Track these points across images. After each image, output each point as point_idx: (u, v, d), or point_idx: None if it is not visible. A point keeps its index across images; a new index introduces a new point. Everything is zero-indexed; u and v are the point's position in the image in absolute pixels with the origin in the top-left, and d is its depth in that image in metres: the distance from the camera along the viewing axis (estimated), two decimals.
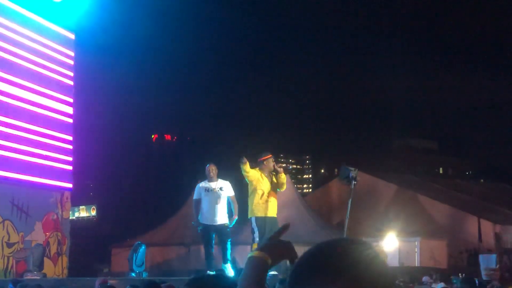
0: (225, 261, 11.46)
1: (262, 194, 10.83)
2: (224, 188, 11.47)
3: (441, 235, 24.70)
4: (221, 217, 11.42)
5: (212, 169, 11.48)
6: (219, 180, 11.54)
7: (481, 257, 13.78)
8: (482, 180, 45.33)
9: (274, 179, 11.05)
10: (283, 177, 11.17)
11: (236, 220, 11.51)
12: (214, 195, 11.40)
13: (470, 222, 25.04)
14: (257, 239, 10.71)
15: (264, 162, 11.06)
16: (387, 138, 72.16)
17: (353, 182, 10.99)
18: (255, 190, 10.92)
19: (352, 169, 11.14)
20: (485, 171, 57.11)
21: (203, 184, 11.54)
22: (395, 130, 71.17)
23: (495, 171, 53.26)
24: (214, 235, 11.40)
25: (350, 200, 11.28)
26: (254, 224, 10.86)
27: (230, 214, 11.50)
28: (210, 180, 11.44)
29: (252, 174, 10.84)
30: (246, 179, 10.96)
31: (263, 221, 10.83)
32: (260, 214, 10.85)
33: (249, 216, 11.03)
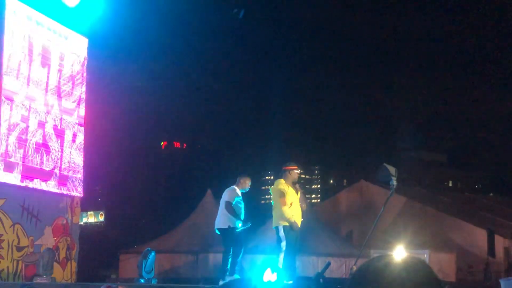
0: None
1: (291, 204, 10.73)
2: None
3: (450, 248, 24.61)
4: None
5: None
6: None
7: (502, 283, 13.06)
8: (491, 194, 45.21)
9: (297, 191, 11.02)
10: (299, 194, 11.19)
11: None
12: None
13: (479, 236, 24.95)
14: (284, 248, 10.62)
15: (290, 172, 11.00)
16: (396, 150, 71.95)
17: (392, 190, 10.26)
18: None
19: (393, 174, 10.29)
20: (494, 185, 56.89)
21: (238, 191, 11.71)
22: (404, 142, 70.97)
23: (504, 185, 53.03)
24: None
25: (383, 208, 10.85)
26: (282, 233, 10.70)
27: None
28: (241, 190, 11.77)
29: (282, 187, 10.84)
30: (272, 191, 10.90)
31: (291, 230, 10.69)
32: (288, 223, 10.71)
33: (275, 226, 10.84)
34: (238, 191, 11.63)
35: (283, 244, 10.54)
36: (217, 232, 11.70)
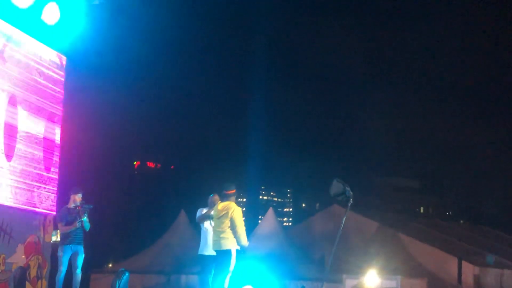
0: None
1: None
2: None
3: (421, 274, 24.72)
4: None
5: None
6: None
7: None
8: (461, 221, 45.60)
9: None
10: None
11: None
12: None
13: (450, 263, 25.09)
14: (231, 270, 10.95)
15: (234, 195, 11.32)
16: (369, 176, 72.40)
17: (350, 200, 10.10)
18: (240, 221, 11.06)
19: (346, 185, 10.06)
20: (465, 212, 57.43)
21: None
22: (377, 167, 71.51)
23: (474, 212, 53.56)
24: None
25: (344, 218, 10.42)
26: (234, 256, 10.95)
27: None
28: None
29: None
30: (237, 215, 11.05)
31: (242, 253, 11.09)
32: (240, 247, 11.05)
33: (228, 248, 11.01)
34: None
35: (232, 267, 10.86)
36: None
